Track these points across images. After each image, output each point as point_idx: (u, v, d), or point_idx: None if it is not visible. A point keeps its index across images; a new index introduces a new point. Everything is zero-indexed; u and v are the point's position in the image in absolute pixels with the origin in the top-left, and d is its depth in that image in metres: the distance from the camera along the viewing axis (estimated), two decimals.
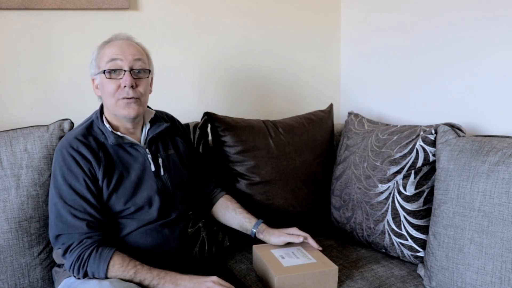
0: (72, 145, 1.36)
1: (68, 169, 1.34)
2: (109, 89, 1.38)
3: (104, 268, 1.28)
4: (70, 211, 1.32)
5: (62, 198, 1.33)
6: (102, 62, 1.40)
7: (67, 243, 1.31)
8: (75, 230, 1.31)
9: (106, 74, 1.37)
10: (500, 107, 1.63)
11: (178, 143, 1.56)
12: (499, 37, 1.60)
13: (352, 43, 2.26)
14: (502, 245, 1.26)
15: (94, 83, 1.45)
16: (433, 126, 1.58)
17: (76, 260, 1.29)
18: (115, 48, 1.40)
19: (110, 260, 1.29)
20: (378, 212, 1.64)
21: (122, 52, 1.39)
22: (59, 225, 1.33)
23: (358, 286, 1.48)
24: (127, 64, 1.38)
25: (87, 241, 1.31)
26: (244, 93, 2.15)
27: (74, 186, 1.33)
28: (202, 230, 1.73)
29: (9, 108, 1.75)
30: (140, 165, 1.42)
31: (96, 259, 1.29)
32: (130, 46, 1.42)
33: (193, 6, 1.99)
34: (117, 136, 1.41)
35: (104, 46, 1.43)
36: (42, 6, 1.72)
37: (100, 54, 1.42)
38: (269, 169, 1.78)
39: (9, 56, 1.73)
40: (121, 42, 1.42)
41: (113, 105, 1.39)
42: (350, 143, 1.84)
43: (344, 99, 2.35)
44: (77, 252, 1.29)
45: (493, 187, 1.30)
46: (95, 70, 1.43)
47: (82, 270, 1.29)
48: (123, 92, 1.38)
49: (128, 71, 1.38)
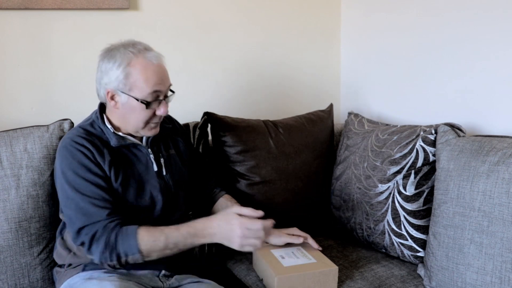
0: (76, 141, 1.34)
1: (79, 163, 1.32)
2: (143, 116, 1.35)
3: (135, 243, 1.26)
4: (91, 201, 1.30)
5: (79, 191, 1.30)
6: (138, 88, 1.32)
7: (91, 233, 1.28)
8: (97, 218, 1.29)
9: (144, 104, 1.33)
10: (500, 107, 1.63)
11: (179, 143, 1.56)
12: (499, 37, 1.60)
13: (352, 43, 2.26)
14: (502, 245, 1.26)
15: (109, 94, 1.35)
16: (433, 126, 1.58)
17: (105, 247, 1.27)
18: (154, 76, 1.32)
19: (138, 235, 1.28)
20: (378, 212, 1.64)
21: (162, 82, 1.34)
22: (81, 218, 1.30)
23: (358, 286, 1.48)
24: (164, 94, 1.37)
25: (110, 225, 1.29)
26: (244, 93, 2.15)
27: (88, 178, 1.31)
28: None
29: (9, 108, 1.75)
30: (143, 165, 1.42)
31: (124, 238, 1.27)
32: (165, 72, 1.37)
33: (193, 6, 1.99)
34: (119, 137, 1.39)
35: (136, 63, 1.32)
36: (42, 6, 1.72)
37: (134, 75, 1.31)
38: (269, 169, 1.78)
39: (9, 56, 1.73)
40: (158, 67, 1.34)
41: (139, 127, 1.38)
42: (350, 143, 1.84)
43: (344, 99, 2.35)
44: (104, 238, 1.27)
45: (493, 187, 1.30)
46: (122, 88, 1.33)
47: (114, 254, 1.27)
48: (156, 119, 1.38)
49: (164, 100, 1.37)
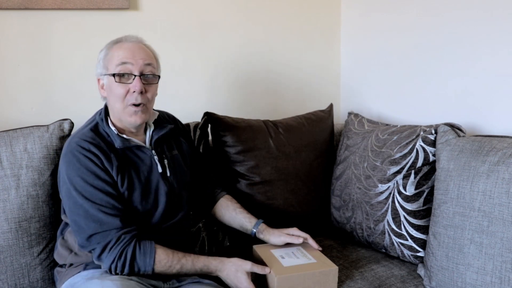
0: (83, 146, 1.33)
1: (87, 170, 1.31)
2: (118, 93, 1.35)
3: (151, 263, 1.30)
4: (100, 209, 1.29)
5: (88, 198, 1.30)
6: (111, 64, 1.36)
7: (104, 242, 1.29)
8: (110, 227, 1.29)
9: (115, 78, 1.35)
10: (500, 107, 1.63)
11: (182, 144, 1.56)
12: (498, 37, 1.60)
13: (352, 43, 2.26)
14: (502, 245, 1.26)
15: (99, 82, 1.41)
16: (433, 126, 1.58)
17: (119, 258, 1.28)
18: (125, 51, 1.36)
19: (155, 255, 1.30)
20: (378, 212, 1.64)
21: (132, 56, 1.36)
22: (91, 225, 1.29)
23: (358, 286, 1.48)
24: (137, 69, 1.36)
25: (125, 236, 1.29)
26: (244, 93, 2.15)
27: (97, 185, 1.31)
28: (202, 230, 1.73)
29: (9, 108, 1.75)
30: (148, 167, 1.41)
31: (141, 255, 1.29)
32: (141, 49, 1.38)
33: (193, 6, 1.99)
34: (123, 139, 1.38)
35: (113, 46, 1.39)
36: (42, 6, 1.72)
37: (109, 55, 1.38)
38: (269, 169, 1.78)
39: (9, 56, 1.73)
40: (132, 45, 1.38)
41: (120, 110, 1.37)
42: (350, 143, 1.84)
43: (344, 99, 2.35)
44: (118, 249, 1.28)
45: (493, 187, 1.30)
46: (102, 71, 1.39)
47: (128, 266, 1.29)
48: (132, 97, 1.36)
49: (138, 76, 1.35)
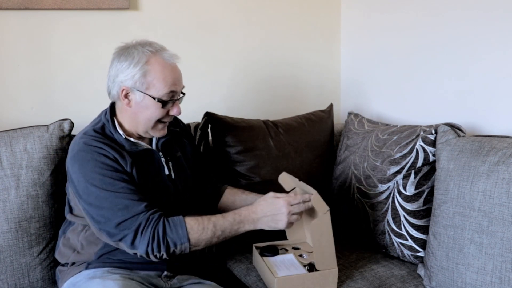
0: (93, 144, 1.32)
1: (103, 164, 1.30)
2: (156, 114, 1.35)
3: (185, 233, 1.28)
4: (124, 196, 1.29)
5: (111, 190, 1.29)
6: (156, 87, 1.33)
7: (134, 226, 1.27)
8: (137, 211, 1.28)
9: (160, 103, 1.34)
10: (500, 107, 1.63)
11: (185, 145, 1.56)
12: (498, 37, 1.60)
13: (352, 43, 2.26)
14: (502, 245, 1.26)
15: (122, 92, 1.34)
16: (433, 126, 1.58)
17: (152, 239, 1.27)
18: (171, 76, 1.34)
19: (187, 224, 1.29)
20: (378, 212, 1.64)
21: (178, 82, 1.36)
22: (118, 214, 1.28)
23: (358, 286, 1.48)
24: (178, 94, 1.38)
25: (153, 216, 1.28)
26: (244, 93, 2.15)
27: (115, 176, 1.30)
28: None
29: (9, 108, 1.75)
30: (156, 169, 1.41)
31: (172, 228, 1.28)
32: (180, 72, 1.38)
33: (193, 7, 1.99)
34: (131, 143, 1.38)
35: (153, 60, 1.33)
36: (42, 6, 1.72)
37: (152, 73, 1.32)
38: (269, 169, 1.78)
39: (9, 56, 1.73)
40: (176, 69, 1.37)
41: (149, 126, 1.38)
42: (350, 143, 1.84)
43: (344, 99, 2.35)
44: (150, 230, 1.27)
45: (493, 187, 1.30)
46: (139, 87, 1.33)
47: (163, 245, 1.27)
48: (168, 118, 1.38)
49: (178, 100, 1.38)
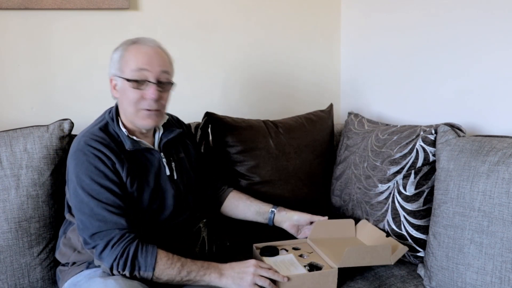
0: (92, 145, 1.32)
1: (96, 169, 1.30)
2: (132, 98, 1.34)
3: (153, 263, 1.27)
4: (106, 208, 1.28)
5: (94, 197, 1.29)
6: (127, 68, 1.34)
7: (106, 239, 1.27)
8: (114, 226, 1.28)
9: (131, 83, 1.33)
10: (500, 107, 1.63)
11: (188, 147, 1.55)
12: (498, 37, 1.60)
13: (352, 43, 2.26)
14: (502, 245, 1.26)
15: (111, 82, 1.39)
16: (433, 126, 1.57)
17: (121, 256, 1.26)
18: (143, 56, 1.33)
19: (157, 255, 1.28)
20: (378, 212, 1.64)
21: (150, 62, 1.34)
22: (95, 224, 1.28)
23: (358, 286, 1.48)
24: (154, 76, 1.34)
25: (129, 235, 1.28)
26: (244, 93, 2.15)
27: (104, 184, 1.30)
28: (203, 230, 1.73)
29: (9, 108, 1.75)
30: (156, 170, 1.41)
31: (143, 253, 1.27)
32: (158, 55, 1.36)
33: (193, 7, 1.99)
34: (133, 141, 1.37)
35: (129, 48, 1.36)
36: (42, 6, 1.72)
37: (126, 57, 1.35)
38: (269, 169, 1.78)
39: (9, 56, 1.73)
40: (149, 50, 1.35)
41: (133, 113, 1.36)
42: (350, 143, 1.84)
43: (344, 99, 2.35)
44: (121, 247, 1.26)
45: (493, 187, 1.30)
46: (116, 72, 1.36)
47: (129, 265, 1.26)
48: (146, 103, 1.34)
49: (155, 83, 1.34)
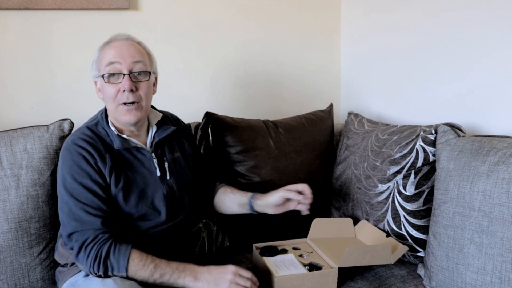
0: (78, 144, 1.33)
1: (78, 167, 1.31)
2: (109, 93, 1.35)
3: (125, 263, 1.26)
4: (84, 208, 1.29)
5: (74, 196, 1.30)
6: (102, 65, 1.36)
7: (81, 240, 1.27)
8: (89, 227, 1.28)
9: (104, 79, 1.34)
10: (500, 107, 1.63)
11: (185, 145, 1.54)
12: (498, 37, 1.60)
13: (352, 43, 2.26)
14: (502, 245, 1.26)
15: (96, 85, 1.41)
16: (433, 126, 1.58)
17: (94, 258, 1.26)
18: (114, 50, 1.36)
19: (130, 255, 1.26)
20: (378, 212, 1.64)
21: (120, 55, 1.35)
22: (72, 224, 1.29)
23: (358, 286, 1.48)
24: (126, 67, 1.34)
25: (102, 236, 1.27)
26: (244, 93, 2.15)
27: (85, 184, 1.30)
28: (203, 231, 1.73)
29: (9, 108, 1.75)
30: (146, 170, 1.40)
31: (115, 254, 1.26)
32: (129, 47, 1.37)
33: (193, 7, 1.99)
34: (122, 139, 1.38)
35: (104, 47, 1.39)
36: (42, 6, 1.72)
37: (100, 56, 1.38)
38: (269, 169, 1.78)
39: (9, 56, 1.73)
40: (120, 43, 1.38)
41: (114, 110, 1.36)
42: (350, 143, 1.84)
43: (344, 99, 2.35)
44: (95, 249, 1.26)
45: (493, 187, 1.30)
46: (96, 73, 1.39)
47: (102, 266, 1.25)
48: (123, 96, 1.34)
49: (127, 74, 1.34)
